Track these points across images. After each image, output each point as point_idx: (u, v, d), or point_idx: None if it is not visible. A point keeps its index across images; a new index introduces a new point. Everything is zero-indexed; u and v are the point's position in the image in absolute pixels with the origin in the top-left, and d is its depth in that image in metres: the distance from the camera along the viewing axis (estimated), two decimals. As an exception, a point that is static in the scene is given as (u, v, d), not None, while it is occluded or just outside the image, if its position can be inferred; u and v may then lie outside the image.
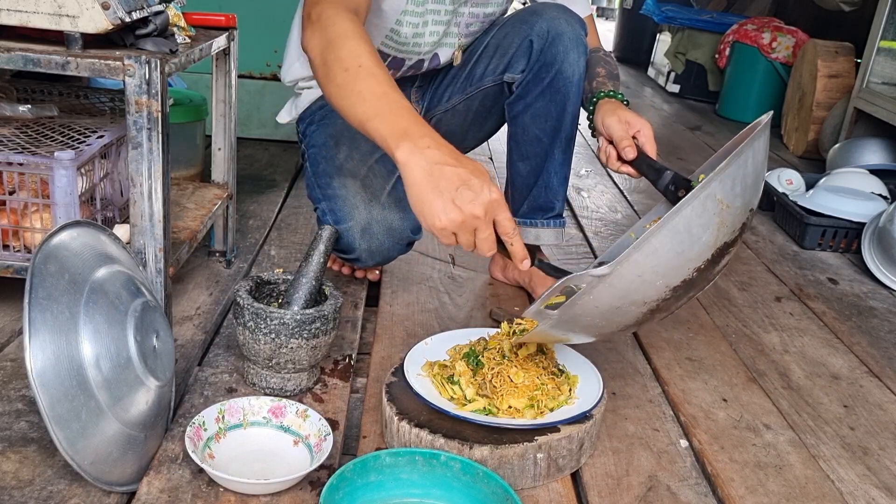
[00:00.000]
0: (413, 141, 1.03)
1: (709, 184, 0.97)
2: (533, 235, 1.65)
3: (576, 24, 1.49)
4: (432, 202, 1.01)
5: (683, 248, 0.99)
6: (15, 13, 1.14)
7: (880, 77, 3.15)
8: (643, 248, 0.96)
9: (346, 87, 1.11)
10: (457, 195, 1.01)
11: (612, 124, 1.34)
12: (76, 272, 1.00)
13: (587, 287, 1.00)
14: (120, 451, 0.99)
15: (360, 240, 1.45)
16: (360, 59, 1.12)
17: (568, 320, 1.05)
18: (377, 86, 1.09)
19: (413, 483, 1.03)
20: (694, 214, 0.97)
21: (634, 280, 0.99)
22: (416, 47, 1.51)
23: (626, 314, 1.04)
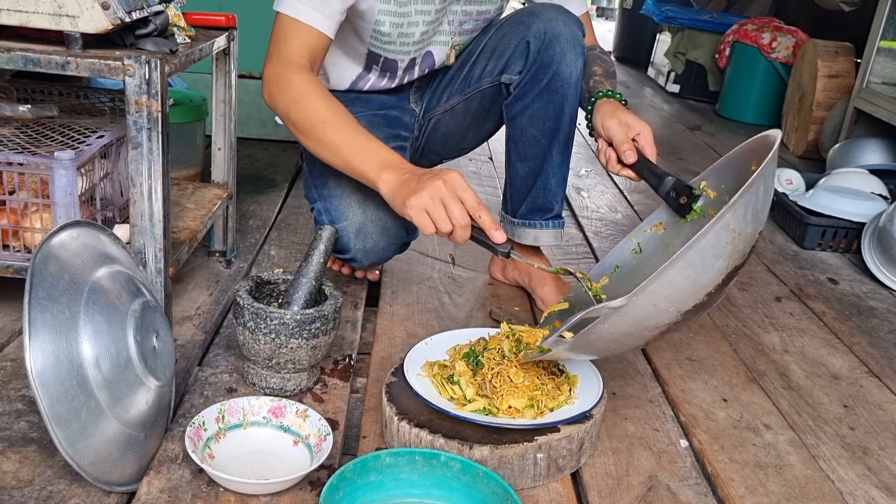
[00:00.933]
0: (391, 168, 1.24)
1: (723, 215, 0.98)
2: (532, 236, 1.65)
3: (573, 24, 1.48)
4: (403, 193, 1.20)
5: (697, 276, 1.01)
6: (15, 13, 1.14)
7: (880, 77, 3.15)
8: (659, 280, 0.98)
9: (321, 142, 1.30)
10: (420, 180, 1.19)
11: (611, 126, 1.34)
12: (76, 272, 1.00)
13: (603, 317, 1.01)
14: (120, 451, 0.99)
15: (355, 240, 1.45)
16: (323, 115, 1.29)
17: (581, 345, 1.07)
18: (346, 135, 1.29)
19: (413, 483, 1.03)
20: (708, 245, 0.99)
21: (649, 309, 1.01)
22: (403, 45, 1.51)
23: (638, 338, 1.07)
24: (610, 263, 1.36)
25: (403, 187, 1.21)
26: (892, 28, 3.11)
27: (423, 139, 1.72)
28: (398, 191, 1.22)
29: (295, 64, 1.33)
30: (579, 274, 1.26)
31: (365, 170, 1.27)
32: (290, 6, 1.34)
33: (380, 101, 1.63)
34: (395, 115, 1.64)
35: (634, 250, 1.35)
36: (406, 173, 1.23)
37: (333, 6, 1.35)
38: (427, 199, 1.18)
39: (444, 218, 1.18)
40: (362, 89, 1.62)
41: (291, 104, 1.32)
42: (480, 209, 1.18)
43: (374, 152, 1.27)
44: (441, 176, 1.19)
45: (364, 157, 1.27)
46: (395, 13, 1.44)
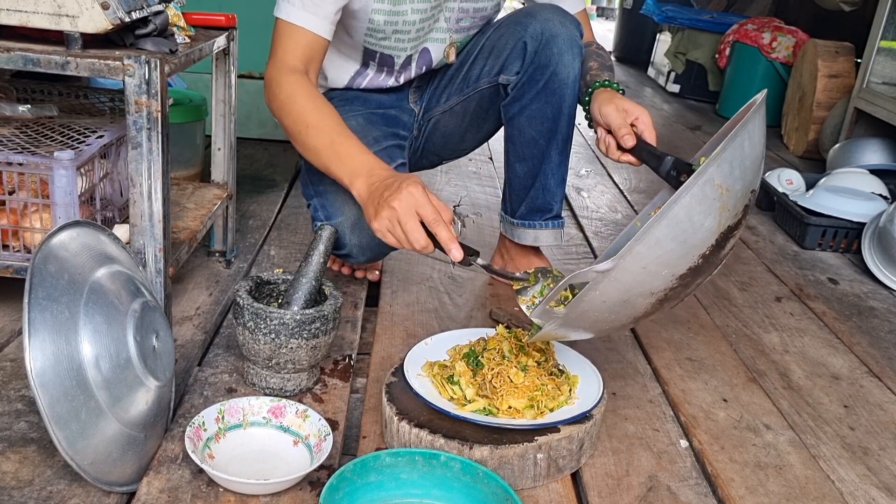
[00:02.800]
0: (360, 175, 1.26)
1: (705, 169, 0.96)
2: (532, 236, 1.65)
3: (570, 25, 1.48)
4: (369, 211, 1.23)
5: (686, 236, 0.98)
6: (15, 13, 1.14)
7: (880, 77, 3.15)
8: (645, 240, 0.96)
9: (305, 146, 1.34)
10: (381, 198, 1.20)
11: (609, 113, 1.33)
12: (76, 272, 0.99)
13: (592, 283, 1.00)
14: (120, 452, 0.99)
15: (351, 235, 1.45)
16: (307, 118, 1.32)
17: (576, 317, 1.05)
18: (326, 139, 1.31)
19: (413, 483, 1.03)
20: (694, 202, 0.97)
21: (639, 272, 0.99)
22: (399, 42, 1.51)
23: (635, 306, 1.04)
24: (615, 249, 1.35)
25: (370, 203, 1.23)
26: (892, 28, 3.11)
27: (422, 139, 1.72)
28: (366, 206, 1.24)
29: (288, 67, 1.36)
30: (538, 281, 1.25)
31: (338, 175, 1.30)
32: (285, 11, 1.37)
33: (378, 100, 1.63)
34: (393, 114, 1.64)
35: None
36: (374, 182, 1.23)
37: (327, 7, 1.36)
38: (385, 222, 1.19)
39: (403, 239, 1.19)
40: (361, 86, 1.62)
41: (281, 108, 1.36)
42: (437, 225, 1.17)
43: (347, 158, 1.28)
44: (398, 193, 1.17)
45: (337, 164, 1.29)
46: (389, 11, 1.44)
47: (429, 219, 1.17)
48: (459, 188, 2.48)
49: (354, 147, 1.30)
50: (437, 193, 2.38)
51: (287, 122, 1.35)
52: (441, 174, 2.57)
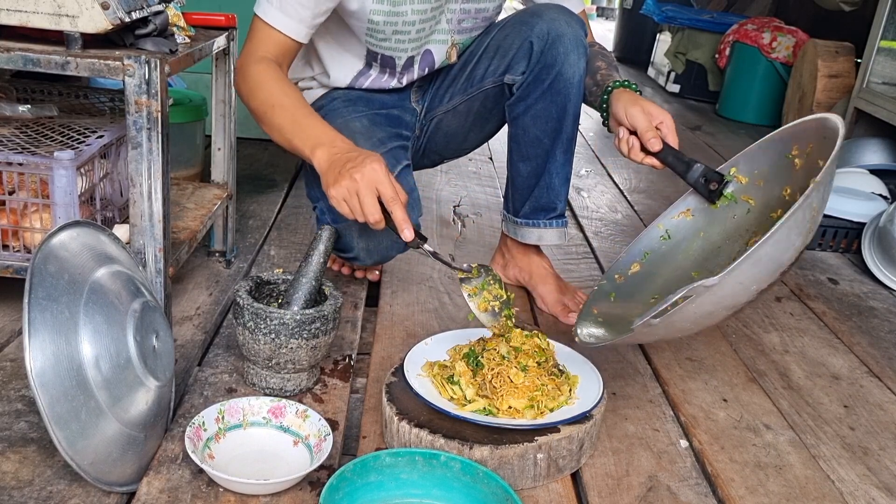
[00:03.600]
0: (322, 145, 1.28)
1: (810, 195, 1.01)
2: (536, 236, 1.65)
3: (576, 25, 1.49)
4: (328, 177, 1.24)
5: (780, 255, 1.04)
6: (15, 13, 1.14)
7: (880, 77, 3.15)
8: (751, 258, 1.00)
9: (271, 125, 1.35)
10: (343, 168, 1.22)
11: (635, 115, 1.33)
12: (76, 272, 0.99)
13: (695, 296, 1.02)
14: (120, 452, 0.99)
15: (358, 238, 1.45)
16: (273, 100, 1.34)
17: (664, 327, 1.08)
18: (289, 116, 1.33)
19: (413, 483, 1.03)
20: (794, 223, 1.02)
21: (735, 287, 1.03)
22: (399, 43, 1.51)
23: (715, 317, 1.09)
24: (639, 251, 1.37)
25: (330, 171, 1.24)
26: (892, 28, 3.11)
27: (424, 139, 1.72)
28: (326, 173, 1.25)
29: (257, 57, 1.38)
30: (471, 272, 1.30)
31: (300, 147, 1.31)
32: (262, 9, 1.38)
33: (381, 100, 1.63)
34: (396, 114, 1.64)
35: (663, 237, 1.36)
36: (336, 153, 1.26)
37: (302, 13, 1.37)
38: (344, 190, 1.21)
39: (358, 210, 1.21)
40: (363, 86, 1.62)
41: (249, 93, 1.37)
42: (394, 204, 1.21)
43: (309, 129, 1.31)
44: (361, 167, 1.20)
45: (300, 135, 1.31)
46: (389, 12, 1.44)
47: (387, 196, 1.20)
48: (459, 188, 2.48)
49: (316, 121, 1.33)
50: (437, 193, 2.39)
51: (254, 106, 1.37)
52: (441, 174, 2.57)
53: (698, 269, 1.31)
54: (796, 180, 1.21)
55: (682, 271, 1.32)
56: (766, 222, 1.25)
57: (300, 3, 1.36)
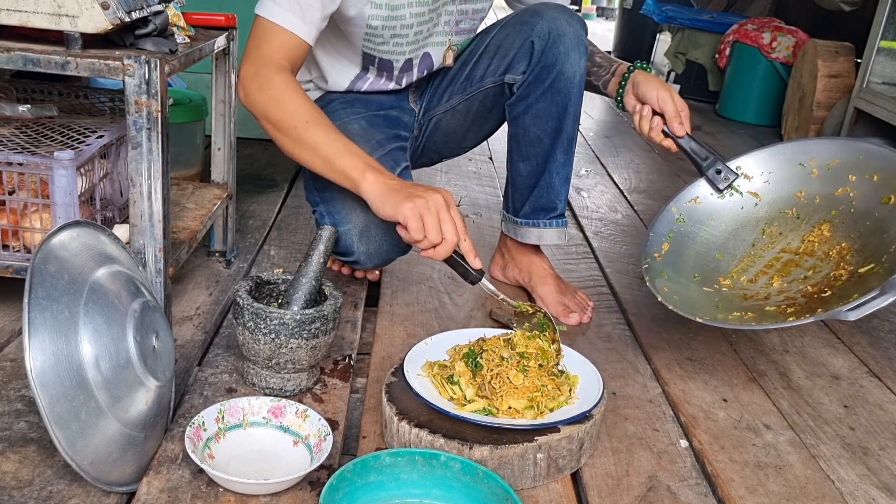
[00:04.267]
0: (375, 170, 1.27)
1: None
2: (536, 235, 1.65)
3: (577, 24, 1.49)
4: (398, 195, 1.23)
5: None
6: (15, 13, 1.14)
7: (880, 77, 3.15)
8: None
9: (302, 140, 1.31)
10: (413, 190, 1.23)
11: (666, 98, 1.45)
12: (76, 272, 1.00)
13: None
14: (120, 452, 0.99)
15: (359, 242, 1.45)
16: (306, 115, 1.30)
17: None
18: (329, 133, 1.30)
19: (413, 483, 1.03)
20: None
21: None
22: (397, 46, 1.51)
23: None
24: (663, 231, 1.49)
25: (397, 191, 1.23)
26: (892, 28, 3.11)
27: (422, 139, 1.72)
28: (390, 193, 1.24)
29: (275, 64, 1.33)
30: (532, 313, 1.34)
31: (348, 167, 1.27)
32: (269, 10, 1.34)
33: (379, 101, 1.63)
34: (394, 115, 1.64)
35: (678, 219, 1.50)
36: (394, 180, 1.26)
37: (313, 14, 1.34)
38: (425, 206, 1.21)
39: (437, 229, 1.22)
40: (361, 90, 1.62)
41: (271, 102, 1.31)
42: (466, 234, 1.24)
43: (359, 153, 1.29)
44: (439, 191, 1.24)
45: (347, 156, 1.28)
46: (387, 17, 1.43)
47: (461, 225, 1.23)
48: (459, 188, 2.48)
49: (357, 147, 1.31)
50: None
51: (279, 117, 1.31)
52: (441, 174, 2.57)
53: (721, 252, 1.48)
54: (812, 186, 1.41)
55: (705, 252, 1.48)
56: (780, 216, 1.46)
57: (310, 5, 1.33)
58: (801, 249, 1.39)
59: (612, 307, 1.72)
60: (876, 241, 1.28)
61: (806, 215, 1.42)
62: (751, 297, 1.37)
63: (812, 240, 1.39)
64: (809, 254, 1.37)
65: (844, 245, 1.34)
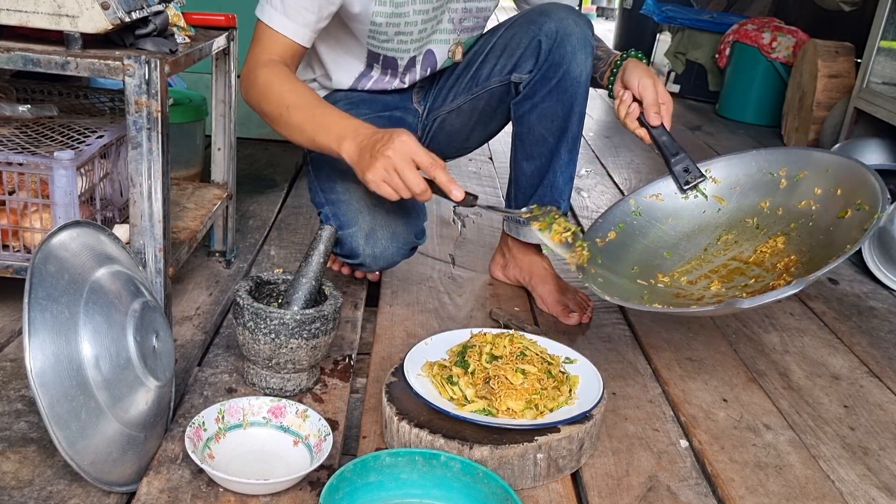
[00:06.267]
0: (347, 137, 1.27)
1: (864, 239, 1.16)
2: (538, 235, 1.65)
3: (584, 24, 1.49)
4: (362, 164, 1.24)
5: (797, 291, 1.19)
6: (15, 13, 1.14)
7: (880, 77, 3.15)
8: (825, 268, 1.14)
9: (289, 126, 1.34)
10: (373, 150, 1.22)
11: (647, 86, 1.43)
12: (76, 272, 0.99)
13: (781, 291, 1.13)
14: (120, 452, 0.99)
15: (365, 245, 1.45)
16: (287, 100, 1.33)
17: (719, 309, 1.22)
18: (306, 114, 1.32)
19: (413, 483, 1.03)
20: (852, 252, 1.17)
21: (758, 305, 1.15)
22: (402, 44, 1.51)
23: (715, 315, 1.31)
24: (614, 220, 1.46)
25: (361, 159, 1.24)
26: (892, 28, 3.10)
27: (426, 139, 1.72)
28: (358, 163, 1.25)
29: (264, 60, 1.37)
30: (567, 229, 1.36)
31: (325, 143, 1.30)
32: (265, 14, 1.38)
33: (384, 101, 1.63)
34: (399, 115, 1.64)
35: (634, 212, 1.46)
36: (363, 140, 1.26)
37: (307, 17, 1.37)
38: (381, 171, 1.21)
39: (401, 186, 1.22)
40: (365, 88, 1.62)
41: (260, 97, 1.36)
42: (435, 168, 1.22)
43: (331, 124, 1.30)
44: (391, 143, 1.21)
45: (323, 132, 1.30)
46: (391, 13, 1.44)
47: (425, 164, 1.22)
48: (459, 188, 2.48)
49: (336, 114, 1.32)
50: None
51: (268, 108, 1.36)
52: (441, 174, 2.57)
53: (670, 251, 1.44)
54: (778, 197, 1.35)
55: (654, 249, 1.44)
56: (740, 225, 1.42)
57: (304, 7, 1.36)
58: (751, 259, 1.35)
59: (611, 307, 1.72)
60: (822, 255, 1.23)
61: (766, 226, 1.38)
62: (684, 296, 1.34)
63: (764, 251, 1.34)
64: (758, 264, 1.34)
65: (793, 258, 1.30)
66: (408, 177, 1.21)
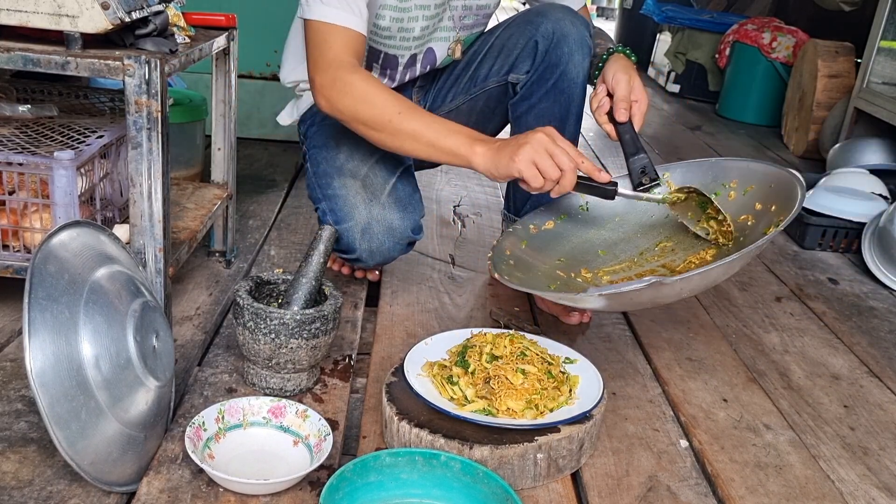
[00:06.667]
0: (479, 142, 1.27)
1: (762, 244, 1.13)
2: None
3: (581, 25, 1.49)
4: (506, 154, 1.22)
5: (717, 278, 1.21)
6: (15, 13, 1.14)
7: (880, 77, 3.15)
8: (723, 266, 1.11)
9: (400, 132, 1.30)
10: (516, 143, 1.22)
11: (620, 81, 1.40)
12: (76, 272, 0.99)
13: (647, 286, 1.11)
14: (120, 452, 0.99)
15: (361, 240, 1.45)
16: (396, 107, 1.30)
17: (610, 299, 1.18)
18: (423, 119, 1.30)
19: (413, 483, 1.03)
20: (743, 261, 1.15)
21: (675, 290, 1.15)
22: (403, 41, 1.51)
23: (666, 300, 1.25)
24: (556, 210, 1.44)
25: (502, 151, 1.23)
26: (892, 28, 3.11)
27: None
28: (498, 156, 1.24)
29: (347, 64, 1.33)
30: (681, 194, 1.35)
31: (454, 145, 1.28)
32: (319, 12, 1.33)
33: None
34: None
35: (582, 206, 1.45)
36: (497, 142, 1.26)
37: (359, 3, 1.34)
38: (532, 151, 1.21)
39: (552, 166, 1.21)
40: None
41: (359, 103, 1.32)
42: (581, 156, 1.24)
43: (460, 130, 1.29)
44: (534, 136, 1.22)
45: (451, 135, 1.28)
46: (396, 7, 1.44)
47: (573, 150, 1.22)
48: (459, 188, 2.48)
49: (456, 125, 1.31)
50: (437, 193, 2.39)
51: (370, 116, 1.31)
52: (441, 174, 2.57)
53: (606, 250, 1.42)
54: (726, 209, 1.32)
55: (590, 245, 1.43)
56: (681, 234, 1.39)
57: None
58: (678, 268, 1.32)
59: (612, 307, 1.72)
60: None
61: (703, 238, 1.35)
62: None
63: (693, 261, 1.31)
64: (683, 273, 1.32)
65: None
66: (560, 155, 1.21)
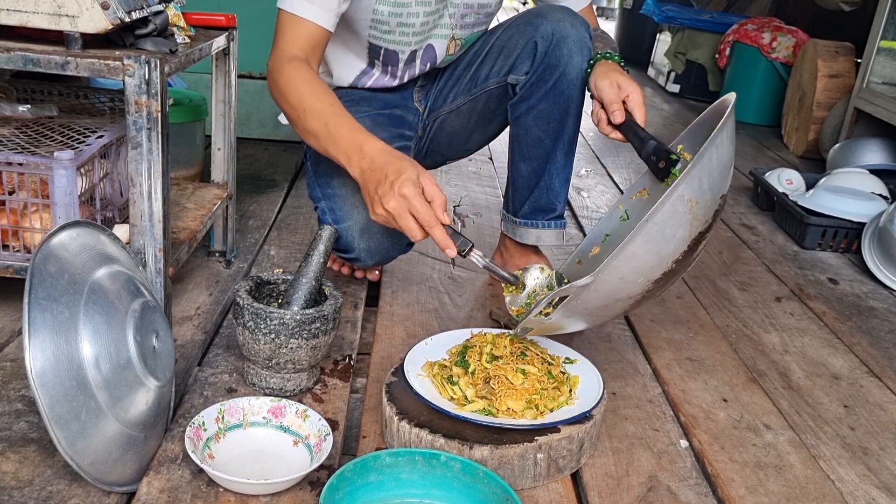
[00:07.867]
0: (355, 158, 1.26)
1: (676, 188, 1.02)
2: (534, 236, 1.65)
3: (580, 26, 1.49)
4: (365, 198, 1.25)
5: (659, 248, 1.05)
6: (15, 13, 1.14)
7: (880, 77, 3.15)
8: (621, 256, 1.03)
9: (305, 131, 1.33)
10: (377, 193, 1.21)
11: (604, 87, 1.36)
12: (76, 272, 0.99)
13: (574, 295, 1.07)
14: (120, 452, 0.99)
15: (360, 239, 1.45)
16: (304, 103, 1.32)
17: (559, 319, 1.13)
18: (320, 121, 1.30)
19: (413, 483, 1.03)
20: (665, 218, 1.03)
21: (616, 283, 1.06)
22: (403, 36, 1.51)
23: (614, 308, 1.13)
24: (600, 233, 1.39)
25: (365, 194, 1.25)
26: (892, 28, 3.11)
27: (427, 140, 1.72)
28: (363, 192, 1.26)
29: (288, 55, 1.37)
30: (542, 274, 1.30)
31: (335, 157, 1.30)
32: (288, 2, 1.37)
33: (384, 100, 1.63)
34: (399, 114, 1.64)
35: (622, 217, 1.39)
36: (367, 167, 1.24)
37: (329, 2, 1.37)
38: (382, 217, 1.22)
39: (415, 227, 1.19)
40: (366, 86, 1.62)
41: (281, 96, 1.37)
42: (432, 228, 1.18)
43: (341, 138, 1.29)
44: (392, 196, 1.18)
45: (333, 146, 1.29)
46: (394, 2, 1.45)
47: (423, 221, 1.19)
48: (459, 188, 2.48)
49: (347, 126, 1.30)
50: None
51: (287, 109, 1.37)
52: (441, 174, 2.57)
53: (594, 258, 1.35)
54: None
55: None
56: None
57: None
58: None
59: (612, 307, 1.72)
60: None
61: None
62: None
63: None
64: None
65: None
66: (407, 229, 1.20)
